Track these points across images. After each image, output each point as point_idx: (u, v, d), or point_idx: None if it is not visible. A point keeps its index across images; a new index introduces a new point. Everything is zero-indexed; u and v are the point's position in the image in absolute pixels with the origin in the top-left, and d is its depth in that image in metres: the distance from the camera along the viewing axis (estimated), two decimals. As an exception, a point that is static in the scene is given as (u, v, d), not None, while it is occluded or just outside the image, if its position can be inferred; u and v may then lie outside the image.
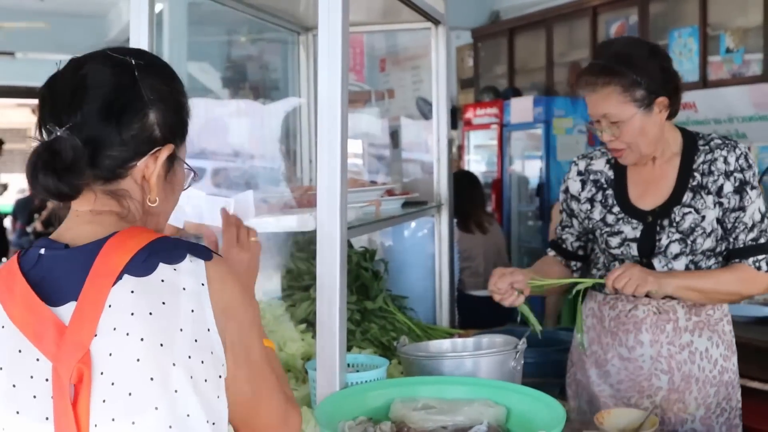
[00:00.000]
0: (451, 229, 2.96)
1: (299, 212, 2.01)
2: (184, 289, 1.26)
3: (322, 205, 1.87)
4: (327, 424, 1.76)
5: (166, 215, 1.46)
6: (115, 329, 1.20)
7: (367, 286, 2.68)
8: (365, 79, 8.68)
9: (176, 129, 1.39)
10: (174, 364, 1.22)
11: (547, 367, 2.87)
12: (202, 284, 1.27)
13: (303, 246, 2.67)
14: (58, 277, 1.25)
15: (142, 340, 1.21)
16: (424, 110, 8.16)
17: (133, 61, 1.35)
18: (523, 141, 8.36)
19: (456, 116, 9.39)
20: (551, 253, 2.65)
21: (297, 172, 3.27)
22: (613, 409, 2.28)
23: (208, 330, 1.26)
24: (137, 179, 1.35)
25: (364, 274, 2.69)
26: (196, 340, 1.24)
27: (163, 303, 1.23)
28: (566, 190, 2.54)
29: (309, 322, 2.52)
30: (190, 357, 1.23)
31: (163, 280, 1.25)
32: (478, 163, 8.88)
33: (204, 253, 1.31)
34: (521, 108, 8.15)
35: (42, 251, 1.28)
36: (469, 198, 5.69)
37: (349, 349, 2.37)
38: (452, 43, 9.60)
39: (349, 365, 2.16)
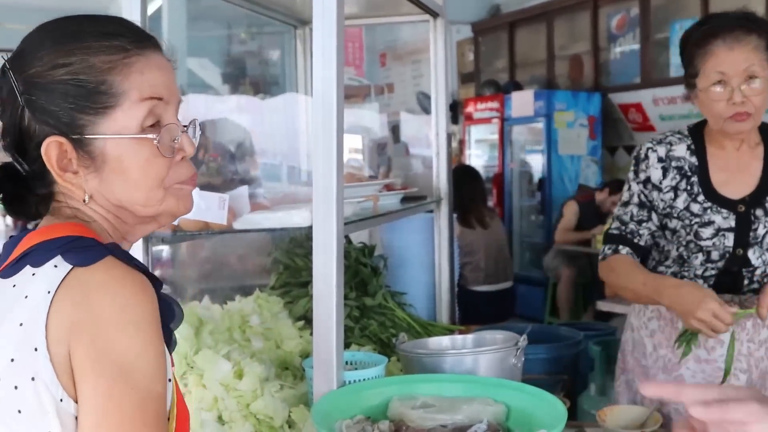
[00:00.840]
0: (450, 224, 2.93)
1: (295, 207, 1.98)
2: (26, 297, 1.08)
3: (318, 200, 1.83)
4: (324, 423, 1.73)
5: (142, 203, 1.22)
6: None
7: (366, 282, 2.65)
8: (365, 74, 8.65)
9: (67, 112, 1.17)
10: None
11: (551, 363, 2.85)
12: (48, 292, 1.07)
13: (300, 242, 2.64)
14: None
15: None
16: (425, 105, 8.13)
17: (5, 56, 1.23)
18: (524, 135, 8.34)
19: (457, 111, 9.36)
20: (624, 250, 2.33)
21: (297, 168, 3.24)
22: (615, 406, 2.25)
23: (35, 349, 1.06)
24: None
25: (363, 270, 2.66)
26: (12, 360, 1.07)
27: None
28: (646, 180, 2.31)
29: (307, 319, 2.49)
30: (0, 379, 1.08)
31: (14, 285, 1.11)
32: (479, 158, 8.86)
33: (83, 257, 1.10)
34: (522, 102, 8.12)
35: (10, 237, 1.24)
36: (469, 193, 5.67)
37: (347, 346, 2.34)
38: (452, 37, 9.56)
39: (347, 363, 2.13)
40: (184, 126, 1.27)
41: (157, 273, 2.22)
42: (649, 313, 2.39)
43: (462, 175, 5.63)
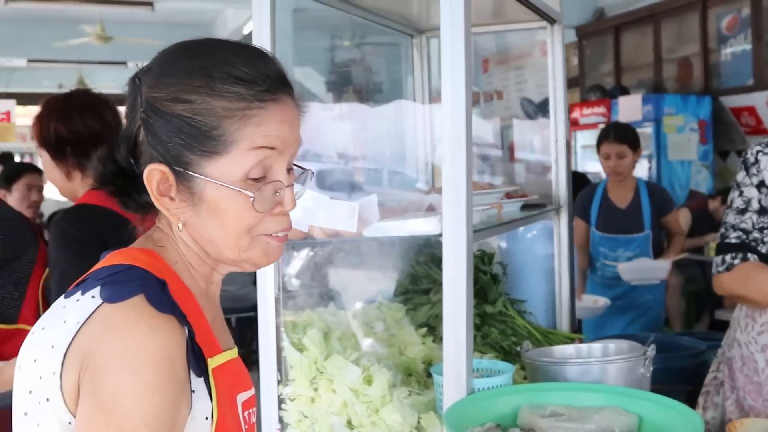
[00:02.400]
0: (570, 232, 2.91)
1: (424, 216, 2.00)
2: (64, 322, 1.14)
3: (448, 209, 1.84)
4: (456, 429, 1.74)
5: (229, 246, 1.24)
6: (32, 333, 1.20)
7: (485, 290, 2.65)
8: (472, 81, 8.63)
9: (176, 146, 1.19)
10: (30, 392, 1.15)
11: (672, 374, 2.80)
12: (77, 323, 1.12)
13: (421, 249, 2.66)
14: None
15: (25, 347, 1.20)
16: (529, 111, 8.07)
17: (140, 64, 1.27)
18: (632, 140, 8.18)
19: (562, 116, 9.26)
20: (752, 257, 2.26)
21: (412, 176, 3.26)
22: (746, 419, 2.20)
23: (53, 373, 1.12)
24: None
25: (483, 278, 2.66)
26: (40, 378, 1.14)
27: (43, 328, 1.18)
28: (760, 184, 2.25)
29: (429, 326, 2.51)
30: (31, 392, 1.15)
31: (64, 307, 1.17)
32: (585, 164, 8.74)
33: (114, 293, 1.14)
34: (629, 106, 7.98)
35: None
36: (581, 199, 5.61)
37: (469, 353, 2.34)
38: (557, 41, 9.46)
39: (474, 370, 2.14)
40: (301, 169, 1.29)
41: (285, 279, 2.26)
42: (758, 327, 2.31)
43: (574, 182, 5.57)
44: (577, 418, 1.85)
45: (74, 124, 2.57)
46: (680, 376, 2.88)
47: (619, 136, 4.79)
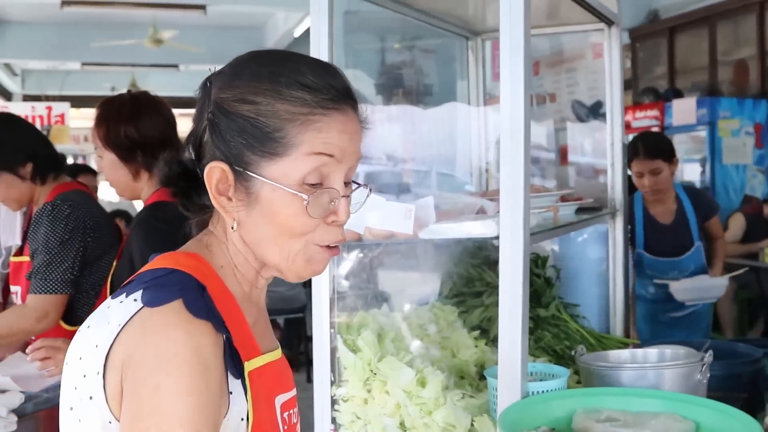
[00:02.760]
0: (625, 236, 2.88)
1: (480, 218, 2.00)
2: (108, 322, 1.17)
3: (506, 211, 1.84)
4: (511, 433, 1.73)
5: (277, 249, 1.26)
6: (80, 331, 1.23)
7: (539, 293, 2.64)
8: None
9: (238, 145, 1.22)
10: (75, 388, 1.19)
11: (729, 381, 2.75)
12: (119, 324, 1.16)
13: (475, 252, 2.65)
14: None
15: (72, 345, 1.23)
16: (580, 113, 8.00)
17: (213, 68, 1.30)
18: (685, 144, 8.08)
19: (613, 119, 9.17)
20: None
21: (464, 178, 3.26)
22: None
23: (97, 372, 1.15)
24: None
25: (537, 281, 2.64)
26: (84, 376, 1.17)
27: (88, 327, 1.21)
28: None
29: (482, 329, 2.50)
30: (76, 388, 1.19)
31: (109, 307, 1.21)
32: (638, 167, 8.65)
33: (154, 297, 1.17)
34: (683, 109, 7.88)
35: None
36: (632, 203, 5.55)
37: (523, 357, 2.33)
38: (609, 44, 9.38)
39: (528, 374, 2.13)
40: (357, 185, 1.31)
41: (338, 280, 2.27)
42: None
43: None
44: (633, 423, 1.83)
45: (144, 125, 2.62)
46: (737, 383, 2.82)
47: (650, 152, 4.27)
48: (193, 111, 1.31)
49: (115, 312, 1.18)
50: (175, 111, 2.79)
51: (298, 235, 1.24)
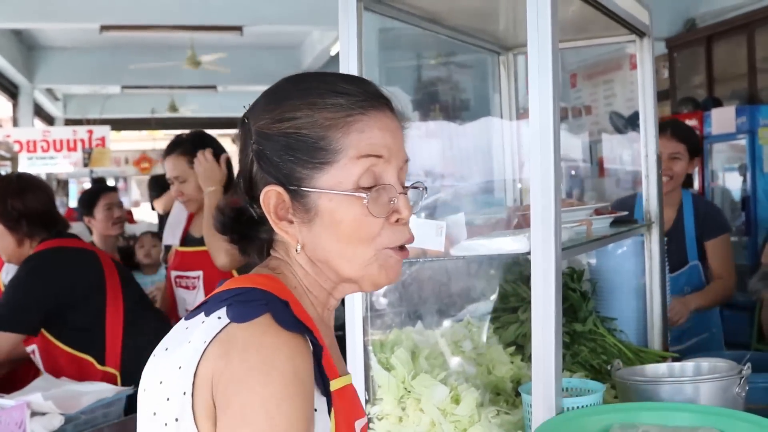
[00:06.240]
0: (662, 249, 2.85)
1: (511, 234, 1.99)
2: (189, 342, 1.16)
3: (536, 226, 1.83)
4: (546, 450, 1.72)
5: (348, 259, 1.25)
6: (155, 355, 1.22)
7: (575, 308, 2.62)
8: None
9: (287, 163, 1.23)
10: (155, 413, 1.17)
11: (770, 394, 2.70)
12: (204, 342, 1.14)
13: (509, 267, 2.64)
14: None
15: (148, 369, 1.22)
16: (618, 125, 7.95)
17: (246, 106, 1.32)
18: (725, 153, 7.99)
19: (652, 130, 9.09)
20: None
21: (499, 193, 3.25)
22: None
23: (183, 393, 1.14)
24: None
25: (572, 295, 2.62)
26: (168, 399, 1.15)
27: (166, 350, 1.20)
28: None
29: (517, 345, 2.49)
30: (155, 414, 1.17)
31: (187, 328, 1.20)
32: (678, 178, 8.56)
33: (241, 312, 1.16)
34: (723, 118, 7.79)
35: None
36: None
37: (559, 372, 2.31)
38: (646, 54, 9.31)
39: (563, 389, 2.11)
40: (412, 186, 1.31)
41: (373, 299, 2.28)
42: None
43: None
44: (669, 438, 1.81)
45: (28, 199, 3.11)
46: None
47: (677, 134, 3.84)
48: (231, 131, 1.34)
49: (196, 331, 1.16)
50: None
51: (365, 241, 1.24)
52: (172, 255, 3.70)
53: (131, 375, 2.99)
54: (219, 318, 1.16)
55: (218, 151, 3.44)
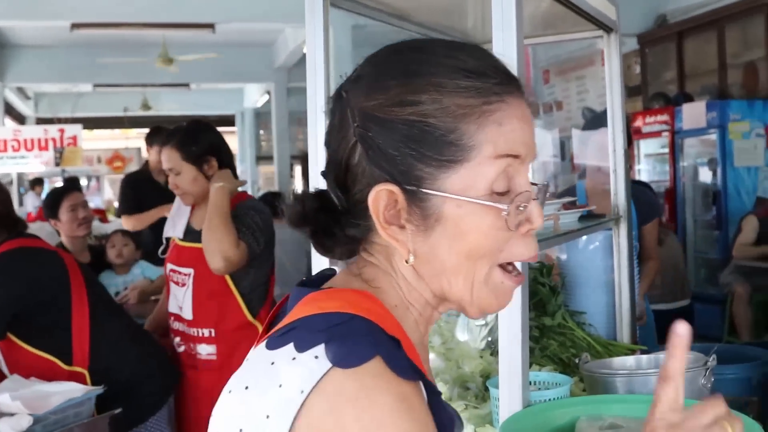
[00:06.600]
0: (630, 242, 2.87)
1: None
2: (280, 386, 0.92)
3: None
4: (512, 443, 1.73)
5: (463, 276, 1.02)
6: (230, 391, 1.00)
7: (544, 302, 2.64)
8: (532, 92, 8.64)
9: (406, 159, 0.99)
10: None
11: (738, 384, 2.74)
12: (302, 392, 0.90)
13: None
14: (281, 317, 1.07)
15: (222, 411, 0.99)
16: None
17: (347, 74, 1.07)
18: (696, 148, 8.08)
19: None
20: None
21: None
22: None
23: None
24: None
25: (541, 290, 2.64)
26: None
27: (246, 389, 0.96)
28: None
29: (486, 340, 2.50)
30: None
31: (273, 363, 0.95)
32: (648, 173, 8.65)
33: (345, 355, 0.91)
34: (693, 113, 7.87)
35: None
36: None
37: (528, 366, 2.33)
38: (618, 50, 9.39)
39: (531, 383, 2.12)
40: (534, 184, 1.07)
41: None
42: None
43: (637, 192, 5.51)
44: (636, 429, 1.82)
45: None
46: (747, 387, 2.82)
47: (595, 123, 3.83)
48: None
49: (287, 373, 0.92)
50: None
51: (488, 256, 1.01)
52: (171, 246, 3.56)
53: (100, 374, 2.98)
54: (316, 358, 0.92)
55: (208, 146, 3.31)
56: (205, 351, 3.20)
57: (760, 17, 7.98)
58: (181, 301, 3.25)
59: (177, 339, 3.30)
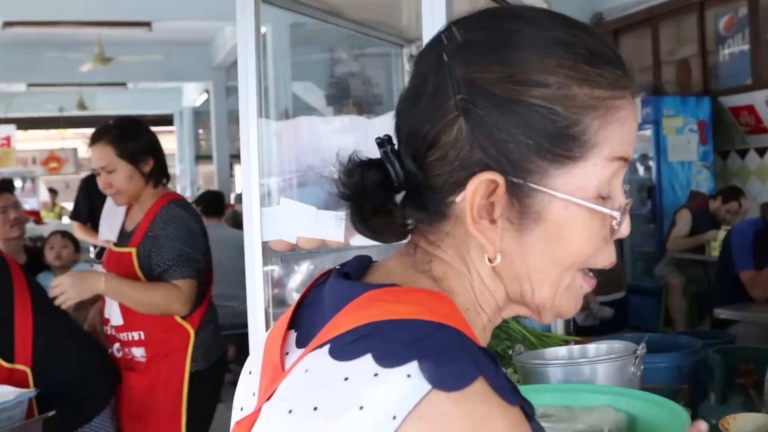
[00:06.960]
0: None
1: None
2: (361, 408, 0.76)
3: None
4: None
5: (549, 284, 0.90)
6: (282, 399, 0.84)
7: (479, 296, 2.66)
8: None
9: (520, 147, 0.85)
10: None
11: (670, 373, 2.80)
12: (393, 417, 0.75)
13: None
14: (315, 313, 0.92)
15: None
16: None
17: (446, 34, 0.90)
18: (631, 143, 8.21)
19: (561, 121, 9.30)
20: None
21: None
22: (740, 414, 2.20)
23: None
24: (464, 222, 0.87)
25: (476, 284, 2.67)
26: None
27: (315, 409, 0.79)
28: None
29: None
30: None
31: (347, 379, 0.78)
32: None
33: (447, 375, 0.76)
34: (628, 109, 8.00)
35: (331, 275, 0.95)
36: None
37: (463, 359, 2.35)
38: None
39: (464, 375, 2.15)
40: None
41: (274, 291, 2.28)
42: None
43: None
44: (567, 418, 1.86)
45: None
46: (678, 375, 2.87)
47: None
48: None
49: (369, 392, 0.77)
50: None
51: (578, 264, 0.92)
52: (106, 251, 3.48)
53: (43, 373, 2.93)
54: (409, 377, 0.76)
55: (146, 144, 3.25)
56: (139, 353, 3.19)
57: (693, 15, 8.15)
58: (111, 306, 3.23)
59: (112, 343, 3.27)
